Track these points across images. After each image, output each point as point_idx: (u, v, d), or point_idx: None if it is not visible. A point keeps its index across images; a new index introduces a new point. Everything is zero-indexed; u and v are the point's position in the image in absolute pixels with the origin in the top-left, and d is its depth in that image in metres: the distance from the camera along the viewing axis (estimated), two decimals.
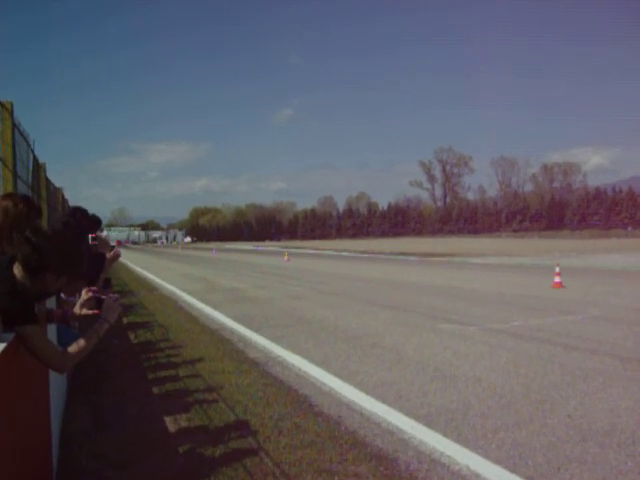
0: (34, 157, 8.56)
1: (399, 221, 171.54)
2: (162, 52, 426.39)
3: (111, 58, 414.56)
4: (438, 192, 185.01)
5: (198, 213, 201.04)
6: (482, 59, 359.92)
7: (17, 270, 2.87)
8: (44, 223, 8.25)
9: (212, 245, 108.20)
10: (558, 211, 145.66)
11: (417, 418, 5.81)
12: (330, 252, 59.17)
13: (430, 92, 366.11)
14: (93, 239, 6.32)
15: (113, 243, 8.86)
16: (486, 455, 4.81)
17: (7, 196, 4.11)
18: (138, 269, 34.27)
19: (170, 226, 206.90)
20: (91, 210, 6.66)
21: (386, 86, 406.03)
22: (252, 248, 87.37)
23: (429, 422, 5.68)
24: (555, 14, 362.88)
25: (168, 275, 28.33)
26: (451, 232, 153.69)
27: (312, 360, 8.46)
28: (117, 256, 6.56)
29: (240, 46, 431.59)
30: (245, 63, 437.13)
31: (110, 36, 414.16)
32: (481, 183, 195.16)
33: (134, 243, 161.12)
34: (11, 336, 2.69)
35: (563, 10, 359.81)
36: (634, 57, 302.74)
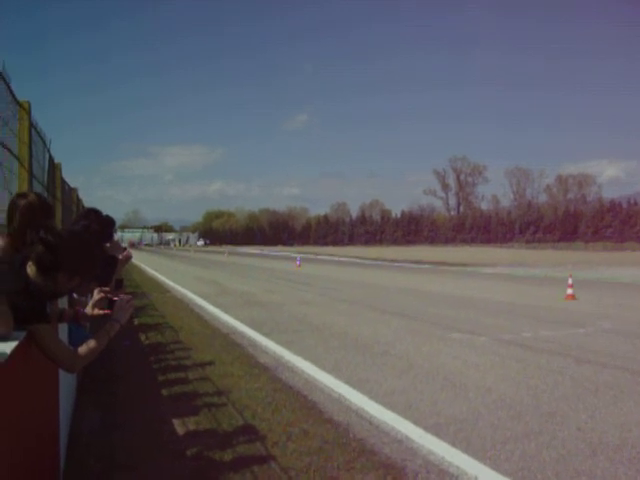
0: (50, 157, 8.61)
1: (412, 229, 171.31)
2: (178, 55, 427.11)
3: (130, 59, 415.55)
4: (452, 201, 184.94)
5: (211, 216, 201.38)
6: (497, 68, 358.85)
7: (30, 269, 2.88)
8: (57, 223, 8.29)
9: (225, 248, 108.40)
10: (572, 222, 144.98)
11: (426, 427, 5.78)
12: (342, 259, 59.15)
13: (445, 100, 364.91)
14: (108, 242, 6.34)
15: (125, 244, 8.90)
16: (495, 466, 4.78)
17: (22, 195, 4.13)
18: (150, 271, 34.38)
19: (183, 229, 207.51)
20: (105, 211, 6.67)
21: (400, 94, 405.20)
22: (264, 252, 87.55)
23: (438, 431, 5.66)
24: (570, 25, 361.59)
25: (180, 278, 28.41)
26: (464, 241, 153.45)
27: (322, 366, 8.45)
28: (128, 258, 6.58)
29: (257, 50, 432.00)
30: (262, 68, 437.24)
31: (130, 37, 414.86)
32: (495, 193, 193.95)
33: (147, 245, 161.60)
34: (23, 334, 2.70)
35: (578, 21, 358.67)
36: None
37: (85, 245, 3.12)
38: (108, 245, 6.33)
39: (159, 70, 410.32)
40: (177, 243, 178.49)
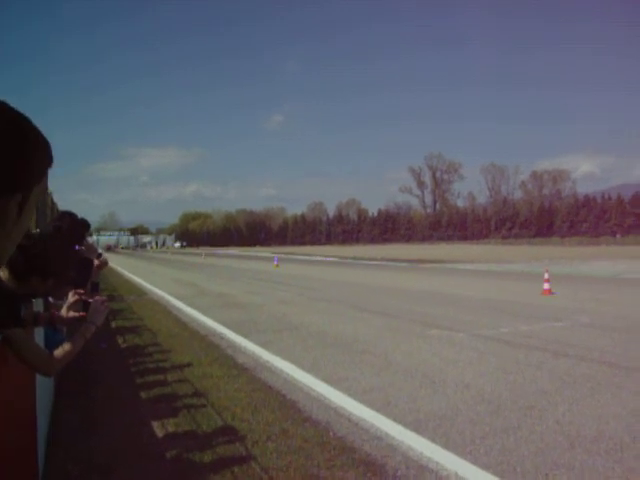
0: None
1: (389, 227, 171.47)
2: (154, 58, 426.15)
3: (104, 63, 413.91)
4: (428, 199, 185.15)
5: (188, 218, 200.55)
6: (472, 68, 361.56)
7: (3, 273, 2.85)
8: (32, 226, 8.20)
9: (202, 250, 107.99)
10: (547, 218, 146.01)
11: (405, 424, 5.80)
12: (320, 258, 59.10)
13: (421, 99, 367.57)
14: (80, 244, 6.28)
15: (101, 250, 8.81)
16: (474, 461, 4.81)
17: None
18: (127, 274, 34.15)
19: (160, 231, 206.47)
20: (80, 214, 6.63)
21: (377, 93, 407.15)
22: (242, 253, 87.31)
23: (417, 428, 5.68)
24: (544, 22, 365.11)
25: (157, 280, 28.25)
26: (441, 239, 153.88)
27: (301, 366, 8.45)
28: (104, 264, 6.53)
29: (232, 53, 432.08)
30: (237, 69, 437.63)
31: (103, 42, 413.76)
32: (471, 190, 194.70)
33: (123, 248, 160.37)
34: None
35: (551, 18, 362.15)
36: (624, 65, 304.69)
37: (56, 247, 3.09)
38: (83, 248, 6.29)
39: (135, 73, 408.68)
40: (154, 245, 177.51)
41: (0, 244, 1.08)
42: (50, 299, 4.97)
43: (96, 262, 6.22)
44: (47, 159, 1.14)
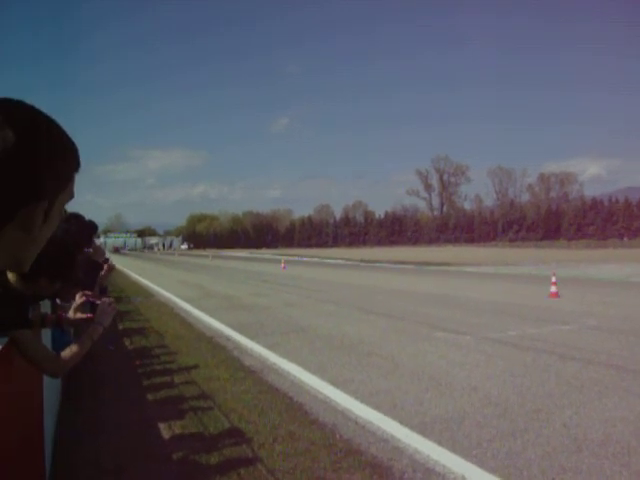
0: None
1: (396, 230, 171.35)
2: (159, 59, 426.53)
3: (108, 65, 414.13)
4: (435, 201, 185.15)
5: (195, 220, 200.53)
6: (479, 69, 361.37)
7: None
8: None
9: (208, 252, 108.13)
10: (554, 221, 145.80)
11: (412, 426, 5.79)
12: (327, 260, 59.06)
13: (427, 102, 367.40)
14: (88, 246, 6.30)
15: (108, 254, 8.83)
16: (481, 464, 4.79)
17: None
18: (134, 275, 34.19)
19: (167, 233, 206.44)
20: (87, 216, 6.63)
21: (383, 96, 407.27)
22: (248, 255, 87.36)
23: (424, 431, 5.67)
24: (552, 24, 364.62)
25: (164, 282, 28.27)
26: (448, 241, 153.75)
27: (307, 368, 8.44)
28: (111, 269, 6.55)
29: (238, 54, 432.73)
30: (243, 71, 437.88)
31: (108, 43, 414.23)
32: (478, 192, 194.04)
33: (130, 250, 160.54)
34: (4, 341, 2.68)
35: (560, 20, 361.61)
36: (632, 67, 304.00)
37: (64, 249, 3.10)
38: (91, 250, 6.30)
39: (141, 75, 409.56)
40: (161, 247, 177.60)
41: (26, 249, 1.08)
42: (58, 301, 4.98)
43: (105, 266, 6.23)
44: (74, 164, 1.12)
